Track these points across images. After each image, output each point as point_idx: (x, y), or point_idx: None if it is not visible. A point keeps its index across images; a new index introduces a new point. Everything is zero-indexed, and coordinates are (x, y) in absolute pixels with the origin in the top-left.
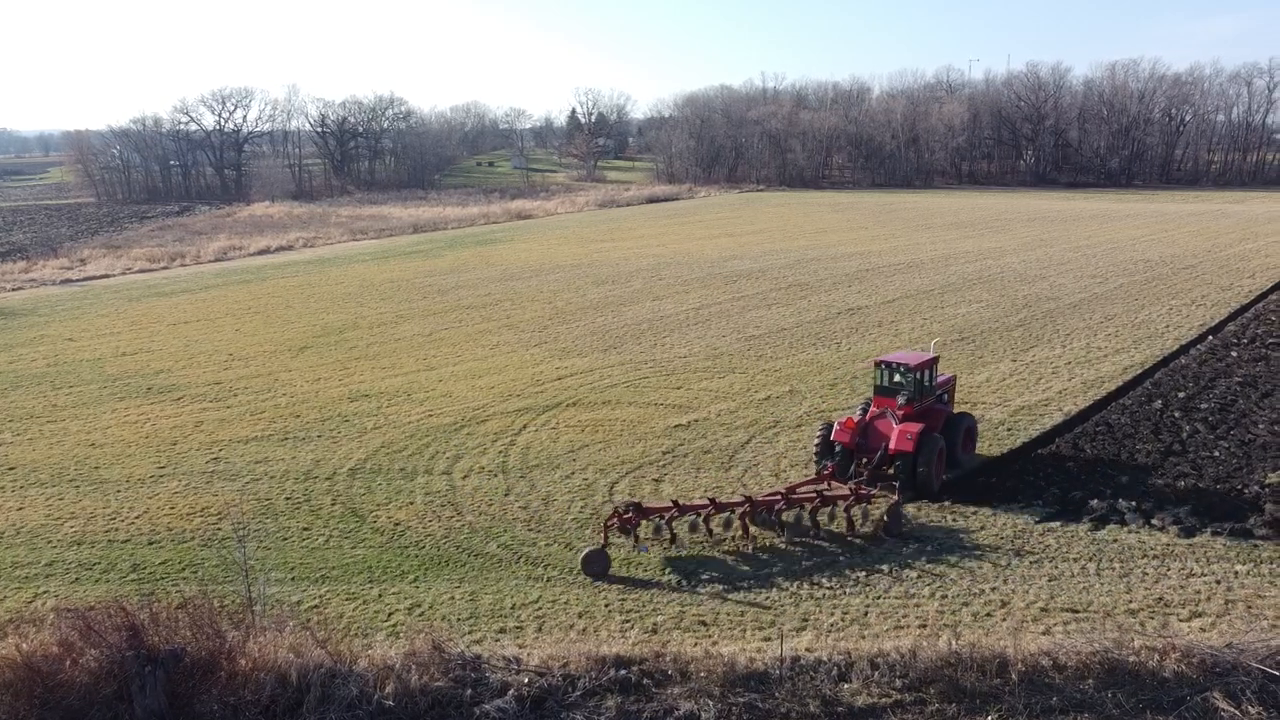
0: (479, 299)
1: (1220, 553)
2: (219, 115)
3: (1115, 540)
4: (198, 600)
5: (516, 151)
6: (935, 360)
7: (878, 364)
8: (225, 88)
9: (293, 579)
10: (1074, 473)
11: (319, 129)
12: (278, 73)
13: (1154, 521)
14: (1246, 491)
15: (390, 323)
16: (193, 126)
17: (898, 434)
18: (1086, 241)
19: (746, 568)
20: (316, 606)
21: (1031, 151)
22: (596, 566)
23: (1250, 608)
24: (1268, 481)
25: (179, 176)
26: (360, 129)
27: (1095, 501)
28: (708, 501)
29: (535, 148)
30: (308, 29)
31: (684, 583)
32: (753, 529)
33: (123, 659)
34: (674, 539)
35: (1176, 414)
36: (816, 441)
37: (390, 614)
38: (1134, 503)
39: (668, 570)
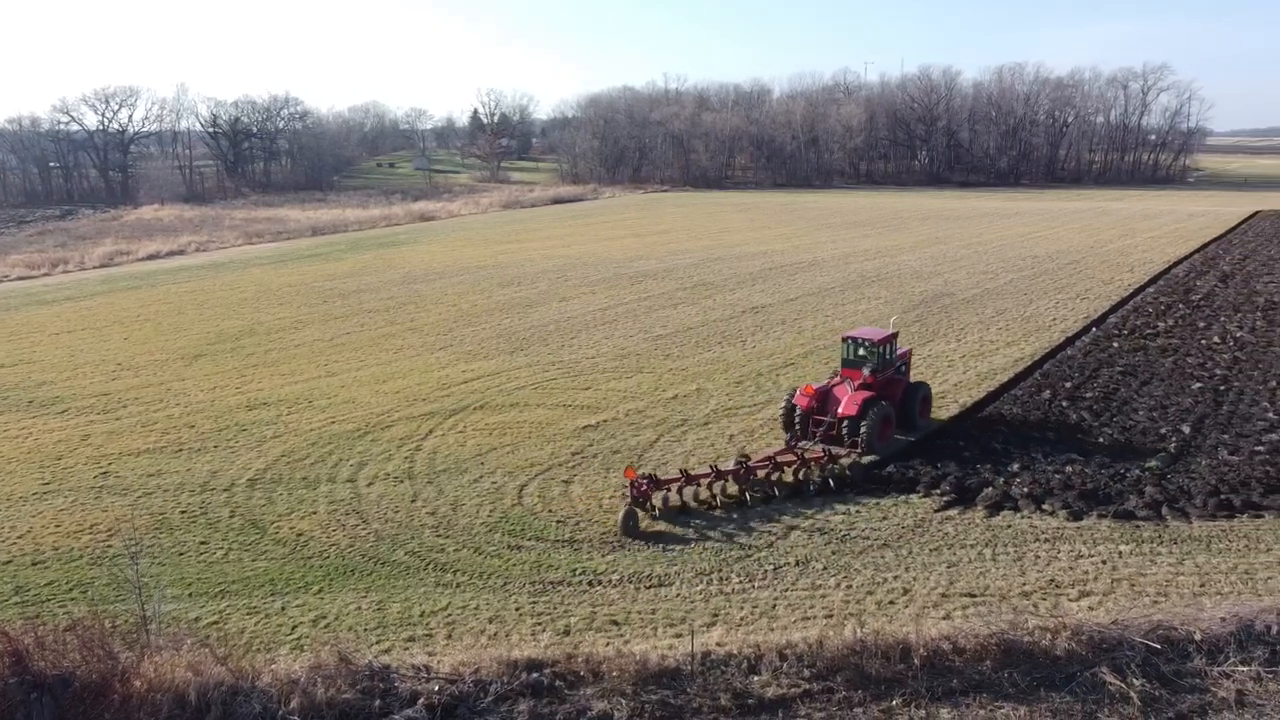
0: (382, 302)
1: (1106, 534)
2: (102, 115)
3: (1009, 526)
4: (87, 621)
5: (418, 152)
6: (895, 335)
7: (844, 339)
8: (109, 86)
9: (190, 595)
10: (970, 461)
11: (210, 129)
12: (165, 71)
13: (1044, 507)
14: (1129, 475)
15: (289, 328)
16: (74, 126)
17: (846, 401)
18: (978, 239)
19: (659, 567)
20: (216, 622)
21: (925, 152)
22: (631, 523)
23: (1133, 585)
24: (1147, 466)
25: (60, 179)
26: (254, 129)
27: (990, 489)
28: (710, 470)
29: (437, 148)
30: (197, 25)
31: (596, 583)
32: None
33: (6, 687)
34: (684, 506)
35: (1064, 403)
36: (781, 411)
37: (294, 627)
38: (1026, 489)
39: (578, 571)
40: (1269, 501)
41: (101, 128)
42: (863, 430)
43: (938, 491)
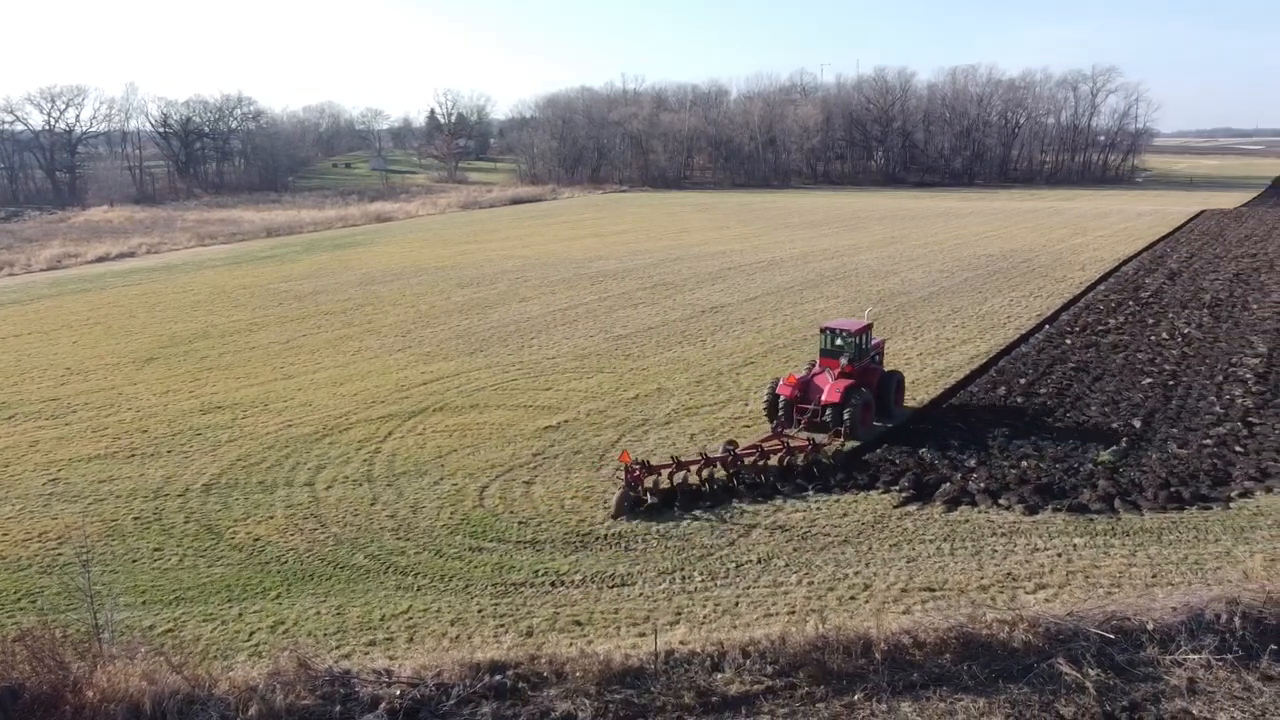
0: (339, 304)
1: (1060, 527)
2: (48, 114)
3: (967, 520)
4: (37, 631)
5: (375, 153)
6: (870, 326)
7: (822, 330)
8: (55, 85)
9: (144, 603)
10: (927, 458)
11: (161, 129)
12: (114, 70)
13: (1001, 501)
14: (1082, 469)
15: (244, 331)
16: (19, 126)
17: (829, 389)
18: (934, 238)
19: (621, 566)
20: (171, 630)
21: (881, 152)
22: (625, 505)
23: (1088, 577)
24: (1100, 459)
25: (4, 180)
26: (206, 129)
27: (947, 485)
28: (700, 457)
29: (394, 149)
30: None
31: (559, 584)
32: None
33: None
34: (674, 491)
35: (1019, 399)
36: (765, 401)
37: (252, 633)
38: (982, 484)
39: (541, 572)
40: (1217, 493)
41: (48, 127)
42: (846, 416)
43: (897, 488)
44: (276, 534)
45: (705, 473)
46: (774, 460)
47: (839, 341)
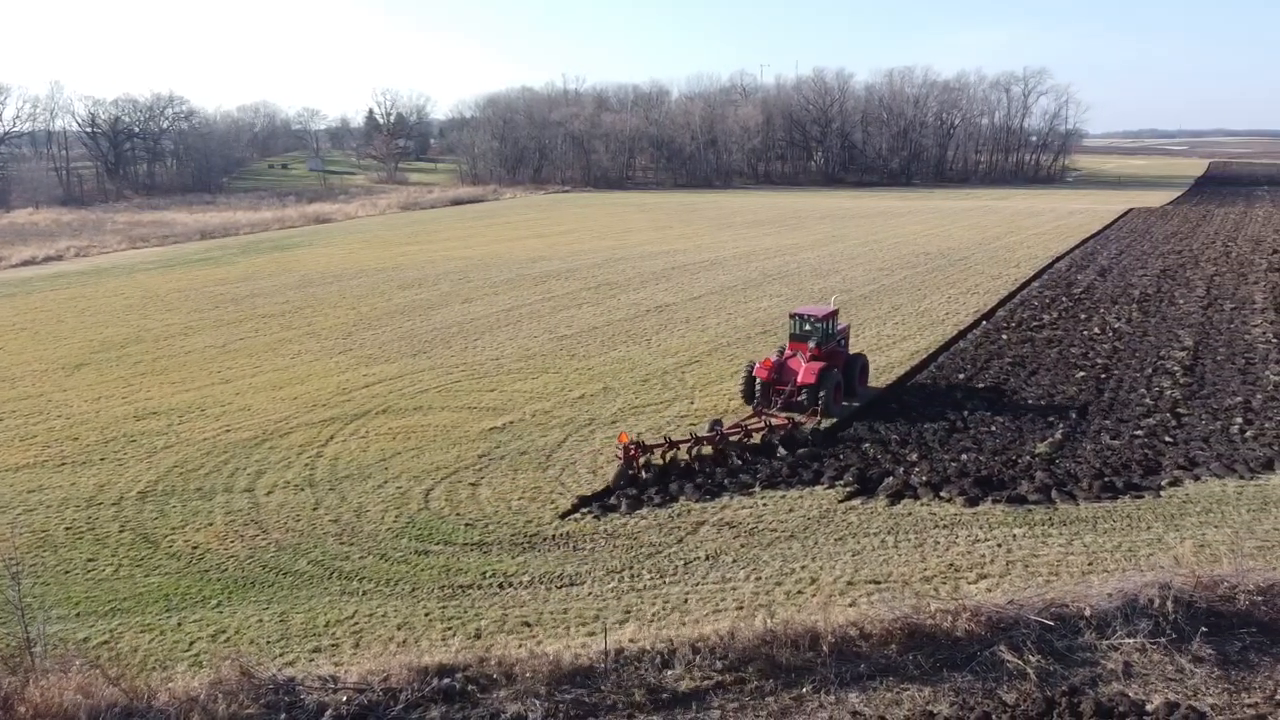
0: (277, 307)
1: (1000, 518)
2: None
3: (909, 513)
4: None
5: (312, 153)
6: (836, 312)
7: (792, 315)
8: None
9: (78, 615)
10: (870, 453)
11: (89, 129)
12: (38, 68)
13: (942, 494)
14: (1020, 461)
15: (179, 335)
16: None
17: (804, 370)
18: (874, 237)
19: (570, 566)
20: (107, 642)
21: (821, 152)
22: (622, 482)
23: (1027, 566)
24: (1037, 451)
25: None
26: (136, 129)
27: (890, 479)
28: (690, 436)
29: (332, 149)
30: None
31: (507, 585)
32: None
33: None
34: (668, 467)
35: (958, 394)
36: (741, 382)
37: (192, 643)
38: (924, 478)
39: (488, 574)
40: (1148, 482)
41: None
42: (821, 396)
43: (841, 483)
44: (216, 541)
45: (694, 450)
46: (757, 437)
47: (808, 326)
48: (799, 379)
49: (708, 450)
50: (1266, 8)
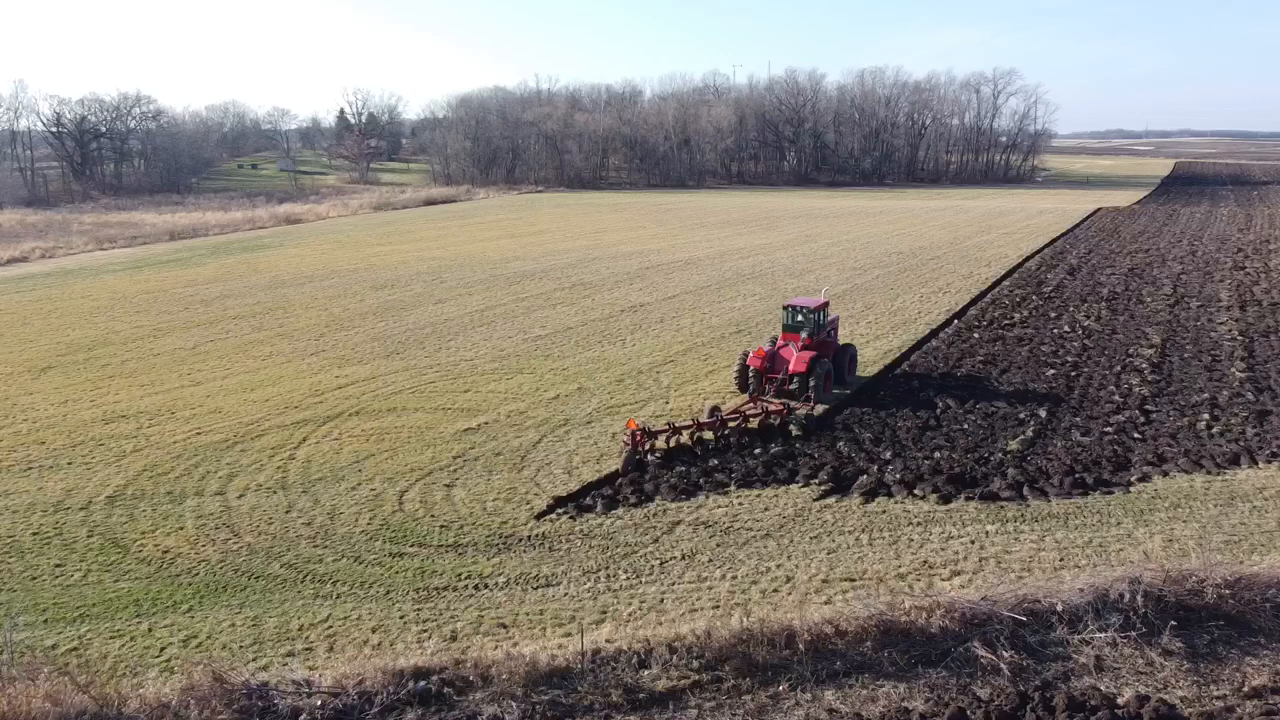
0: (248, 308)
1: (973, 515)
2: None
3: (884, 511)
4: None
5: (282, 153)
6: (826, 304)
7: (785, 307)
8: None
9: (45, 621)
10: (844, 452)
11: (54, 129)
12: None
13: (916, 491)
14: (992, 459)
15: (148, 337)
16: None
17: (795, 360)
18: (846, 236)
19: (545, 567)
20: (76, 649)
21: (794, 152)
22: (629, 466)
23: (1000, 563)
24: (1008, 448)
25: None
26: (103, 129)
27: (864, 477)
28: (692, 422)
29: (303, 149)
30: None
31: (482, 586)
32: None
33: None
34: (670, 451)
35: (931, 392)
36: (736, 371)
37: (163, 649)
38: (898, 476)
39: (463, 576)
40: (1118, 478)
41: None
42: (812, 384)
43: (816, 481)
44: (187, 545)
45: (695, 436)
46: (753, 423)
47: (800, 317)
48: (790, 368)
49: (708, 435)
50: (1231, 13)
